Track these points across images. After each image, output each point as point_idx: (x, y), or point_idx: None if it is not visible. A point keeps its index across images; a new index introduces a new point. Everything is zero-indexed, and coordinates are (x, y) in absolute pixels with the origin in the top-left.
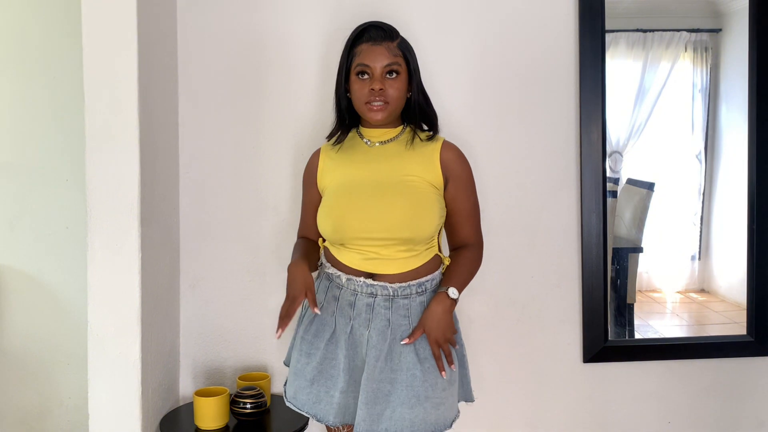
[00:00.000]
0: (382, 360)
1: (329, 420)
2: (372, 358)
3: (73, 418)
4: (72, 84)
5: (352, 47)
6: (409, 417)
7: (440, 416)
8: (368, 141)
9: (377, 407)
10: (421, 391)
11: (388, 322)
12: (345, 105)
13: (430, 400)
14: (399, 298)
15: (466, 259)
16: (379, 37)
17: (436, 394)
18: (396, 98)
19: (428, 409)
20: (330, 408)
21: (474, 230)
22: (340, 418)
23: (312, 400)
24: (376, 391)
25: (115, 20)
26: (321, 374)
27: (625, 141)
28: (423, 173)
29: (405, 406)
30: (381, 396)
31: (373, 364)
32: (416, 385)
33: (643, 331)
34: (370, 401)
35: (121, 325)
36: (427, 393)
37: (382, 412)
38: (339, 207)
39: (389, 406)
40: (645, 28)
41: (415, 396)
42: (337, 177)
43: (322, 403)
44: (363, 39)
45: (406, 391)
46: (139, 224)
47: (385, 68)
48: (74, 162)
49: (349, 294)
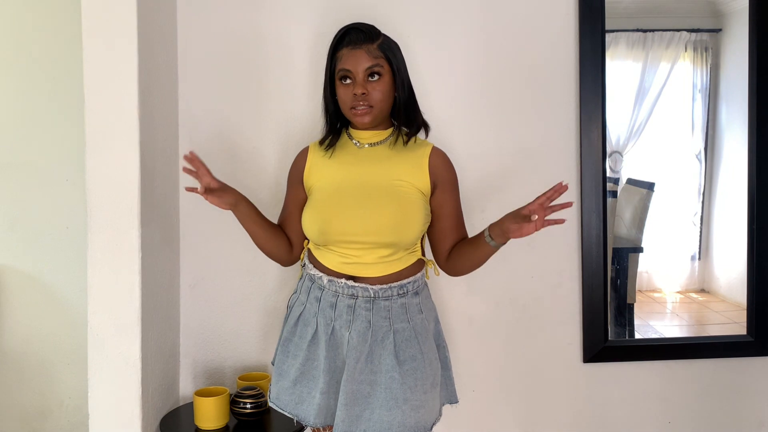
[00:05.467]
0: (362, 361)
1: (310, 420)
2: (352, 359)
3: (73, 418)
4: (72, 84)
5: (334, 52)
6: (388, 419)
7: (420, 419)
8: (357, 142)
9: (356, 408)
10: (399, 393)
11: (369, 324)
12: (332, 110)
13: (408, 403)
14: (380, 299)
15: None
16: (359, 40)
17: (416, 397)
18: (380, 100)
19: (407, 412)
20: (311, 408)
21: (464, 231)
22: (321, 419)
23: (294, 401)
24: (355, 393)
25: (115, 20)
26: (303, 375)
27: (625, 141)
28: (411, 178)
29: (383, 409)
30: (360, 398)
31: (353, 365)
32: (395, 388)
33: (643, 331)
34: (350, 402)
35: (121, 325)
36: (406, 395)
37: (361, 413)
38: (326, 208)
39: (368, 408)
40: (645, 28)
41: (394, 398)
42: (324, 177)
43: (304, 403)
44: (344, 43)
45: (384, 393)
46: (139, 224)
47: (366, 71)
48: (74, 162)
49: (331, 295)
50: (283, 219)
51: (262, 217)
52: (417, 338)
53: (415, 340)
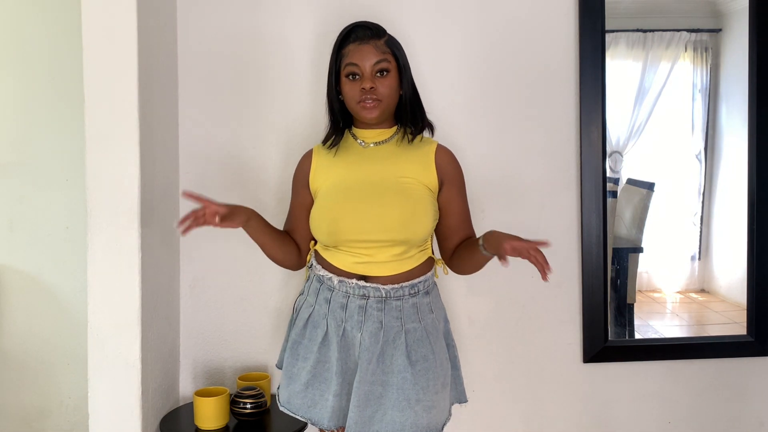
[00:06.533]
0: (374, 362)
1: (324, 423)
2: (364, 360)
3: (73, 418)
4: (72, 84)
5: (339, 49)
6: (400, 420)
7: (432, 419)
8: (362, 142)
9: (368, 409)
10: (412, 394)
11: (380, 324)
12: (338, 108)
13: (421, 403)
14: (391, 299)
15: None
16: (366, 36)
17: (428, 397)
18: (388, 95)
19: (419, 413)
20: (325, 411)
21: (471, 229)
22: (335, 421)
23: (307, 404)
24: (367, 394)
25: (115, 20)
26: (315, 378)
27: (625, 141)
28: (418, 175)
29: (396, 409)
30: (372, 398)
31: (366, 366)
32: (407, 388)
33: (644, 331)
34: (362, 403)
35: (121, 325)
36: (419, 396)
37: (373, 414)
38: (334, 209)
39: (380, 409)
40: (645, 28)
41: (406, 399)
42: (330, 178)
43: (317, 406)
44: (350, 39)
45: (397, 394)
46: (139, 224)
47: (375, 66)
48: (74, 162)
49: (341, 296)
50: (290, 224)
51: (271, 227)
52: (428, 338)
53: (426, 340)
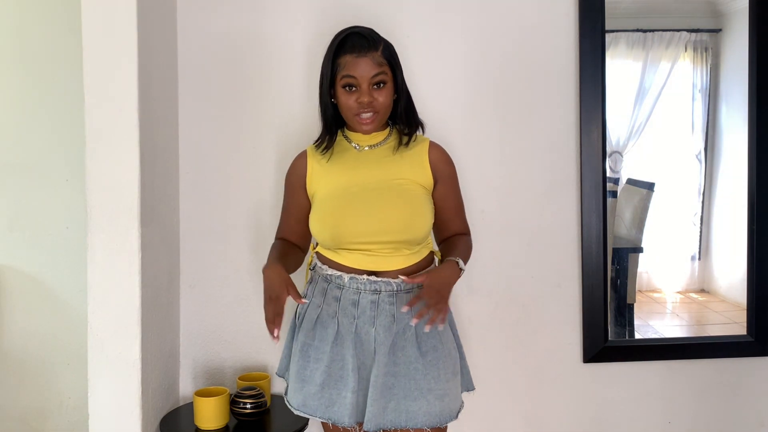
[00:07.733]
0: (387, 355)
1: (345, 421)
2: (381, 354)
3: (73, 418)
4: (72, 84)
5: (335, 57)
6: (413, 409)
7: (445, 407)
8: (357, 146)
9: (382, 400)
10: (423, 383)
11: (393, 318)
12: (331, 113)
13: (432, 392)
14: (402, 292)
15: (464, 243)
16: (362, 47)
17: (439, 386)
18: (385, 105)
19: (431, 401)
20: (344, 409)
21: (464, 223)
22: (355, 417)
23: (324, 405)
24: (381, 386)
25: (115, 20)
26: (330, 377)
27: (625, 141)
28: (414, 176)
29: (408, 399)
30: (385, 390)
31: (381, 359)
32: (418, 378)
33: (644, 331)
34: (378, 396)
35: (121, 325)
36: (430, 385)
37: (387, 404)
38: (335, 213)
39: (393, 399)
40: (645, 28)
41: (418, 388)
42: (328, 183)
43: (335, 405)
44: (346, 49)
45: (408, 384)
46: (139, 224)
47: (372, 80)
48: (74, 162)
49: (352, 293)
50: (288, 227)
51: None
52: (436, 328)
53: (435, 331)
